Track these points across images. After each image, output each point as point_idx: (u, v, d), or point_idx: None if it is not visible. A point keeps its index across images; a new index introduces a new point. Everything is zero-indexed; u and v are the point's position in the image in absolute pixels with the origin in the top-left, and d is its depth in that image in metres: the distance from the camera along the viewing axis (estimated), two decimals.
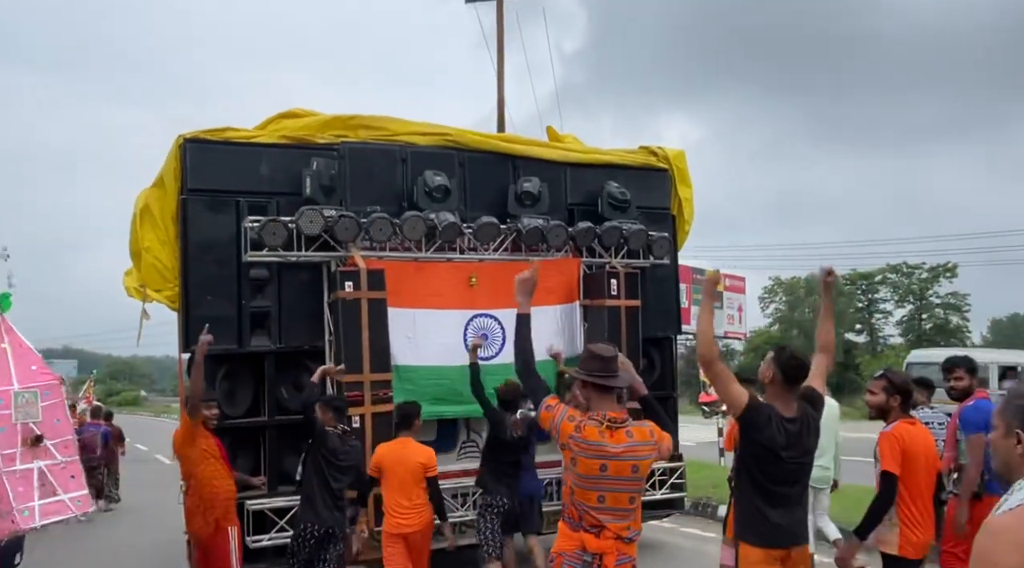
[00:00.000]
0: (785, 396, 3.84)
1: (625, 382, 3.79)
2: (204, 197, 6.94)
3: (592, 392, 3.69)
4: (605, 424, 3.54)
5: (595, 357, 3.71)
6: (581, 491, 3.54)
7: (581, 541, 3.53)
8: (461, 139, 7.83)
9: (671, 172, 8.89)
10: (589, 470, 3.50)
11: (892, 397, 4.53)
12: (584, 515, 3.54)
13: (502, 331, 7.73)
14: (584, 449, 3.51)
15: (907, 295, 48.22)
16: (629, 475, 3.54)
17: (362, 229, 7.01)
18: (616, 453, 3.50)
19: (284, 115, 7.64)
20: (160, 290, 7.03)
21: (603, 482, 3.51)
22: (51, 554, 9.37)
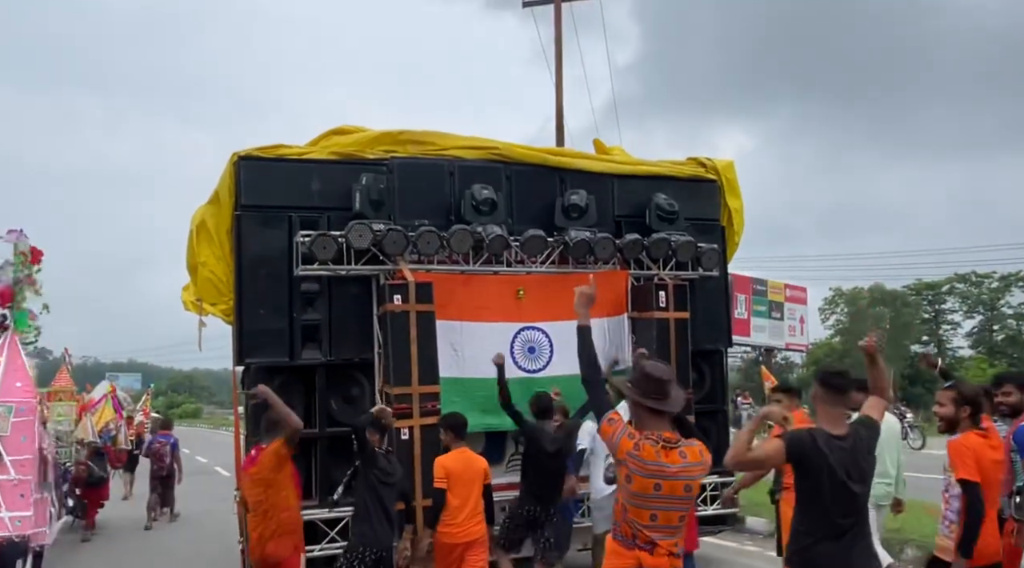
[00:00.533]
0: (832, 413, 3.74)
1: (679, 406, 3.72)
2: (257, 213, 7.10)
3: (643, 412, 3.65)
4: (661, 444, 3.52)
5: (649, 379, 3.64)
6: (634, 509, 3.54)
7: (637, 559, 3.52)
8: (508, 153, 7.87)
9: (720, 183, 8.80)
10: (644, 489, 3.50)
11: (962, 409, 4.46)
12: (637, 533, 3.53)
13: (549, 344, 7.73)
14: (641, 468, 3.50)
15: (977, 305, 46.69)
16: (682, 494, 3.54)
17: (410, 242, 7.09)
18: (672, 473, 3.50)
19: (334, 132, 7.79)
20: (215, 304, 7.21)
21: (656, 501, 3.51)
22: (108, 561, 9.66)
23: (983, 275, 45.45)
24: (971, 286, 46.44)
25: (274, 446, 5.41)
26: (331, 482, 7.04)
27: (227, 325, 7.53)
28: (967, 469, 4.23)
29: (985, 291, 46.04)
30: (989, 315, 46.32)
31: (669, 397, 3.64)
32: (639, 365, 3.81)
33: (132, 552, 10.68)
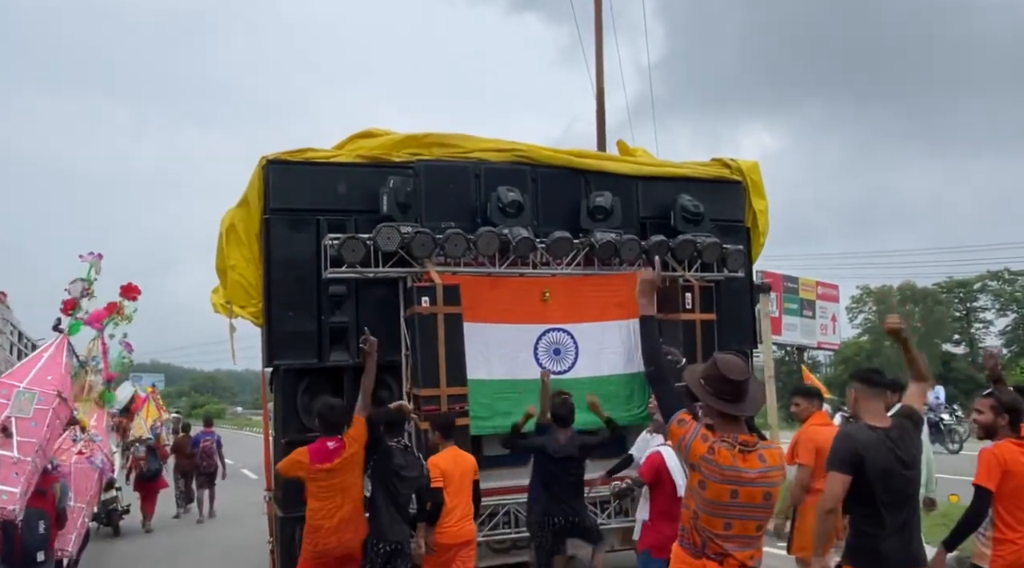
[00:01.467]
0: (874, 408, 3.84)
1: (757, 408, 3.48)
2: (286, 216, 7.16)
3: (716, 415, 3.39)
4: (737, 447, 3.27)
5: (723, 379, 3.34)
6: (706, 517, 3.29)
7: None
8: (533, 155, 7.90)
9: (745, 184, 8.78)
10: (719, 496, 3.24)
11: (1000, 416, 4.48)
12: (708, 542, 3.29)
13: (575, 346, 7.75)
14: (716, 473, 3.24)
15: (1010, 303, 45.84)
16: (760, 502, 3.28)
17: (437, 245, 7.13)
18: (750, 478, 3.24)
19: (360, 135, 7.84)
20: (245, 306, 7.27)
21: (732, 509, 3.25)
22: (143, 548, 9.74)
23: (1016, 273, 44.67)
24: (1004, 284, 45.66)
25: (360, 426, 5.62)
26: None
27: (255, 327, 7.60)
28: (983, 477, 4.27)
29: (1018, 289, 45.30)
30: (1022, 313, 45.53)
31: (745, 398, 3.37)
32: (712, 360, 3.46)
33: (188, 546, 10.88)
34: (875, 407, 3.86)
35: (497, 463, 7.58)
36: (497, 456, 7.63)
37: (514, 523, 7.42)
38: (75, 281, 5.98)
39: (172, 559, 10.10)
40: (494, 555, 7.42)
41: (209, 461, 13.68)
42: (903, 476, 3.71)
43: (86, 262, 6.06)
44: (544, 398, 6.72)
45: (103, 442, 6.87)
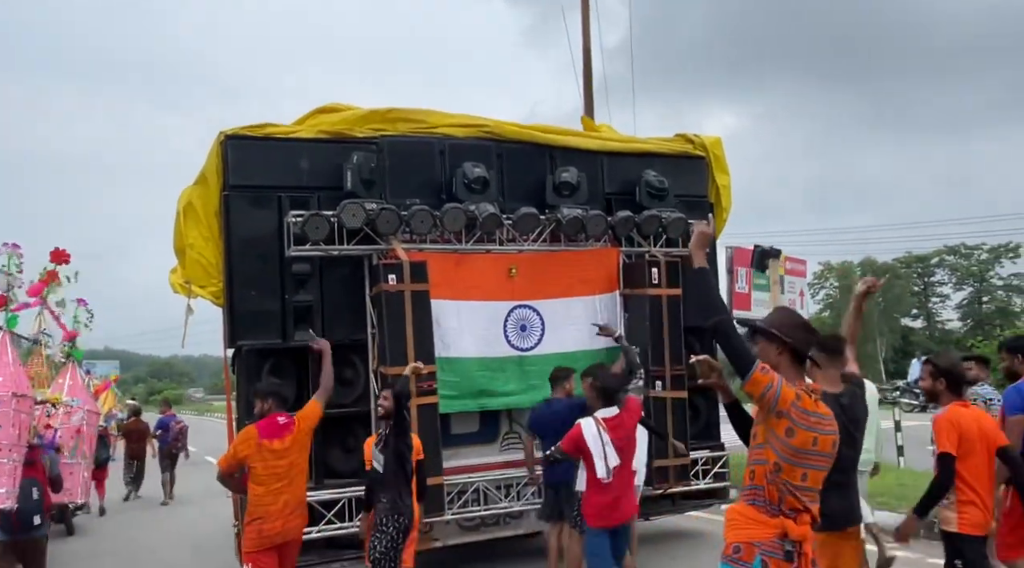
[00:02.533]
0: (830, 374, 4.02)
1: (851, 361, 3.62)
2: (246, 193, 6.98)
3: (787, 361, 3.29)
4: (814, 395, 3.24)
5: (806, 328, 3.35)
6: (789, 467, 3.15)
7: (782, 527, 3.14)
8: (499, 130, 7.81)
9: (708, 159, 8.82)
10: (804, 443, 3.14)
11: (938, 381, 4.60)
12: (785, 497, 3.16)
13: (541, 322, 7.73)
14: (804, 419, 3.14)
15: (966, 277, 46.65)
16: (830, 450, 3.23)
17: (403, 222, 7.02)
18: (825, 425, 3.21)
19: (321, 110, 7.67)
20: (205, 286, 7.10)
21: (811, 458, 3.17)
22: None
23: (972, 247, 45.37)
24: (960, 258, 46.35)
25: (316, 412, 5.43)
26: (325, 464, 7.02)
27: (213, 312, 7.44)
28: (945, 443, 4.38)
29: (975, 263, 45.96)
30: (978, 287, 46.27)
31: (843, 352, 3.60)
32: (785, 309, 3.44)
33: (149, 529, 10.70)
34: (832, 374, 4.03)
35: (465, 441, 7.56)
36: (465, 434, 7.61)
37: (483, 500, 7.42)
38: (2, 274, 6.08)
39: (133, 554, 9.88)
40: (463, 533, 7.41)
41: (184, 441, 14.29)
42: (851, 437, 3.89)
43: (2, 254, 6.13)
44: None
45: (83, 401, 7.30)
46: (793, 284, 12.35)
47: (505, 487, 7.48)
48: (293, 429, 5.29)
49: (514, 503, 7.44)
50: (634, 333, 7.86)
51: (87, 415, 7.14)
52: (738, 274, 10.27)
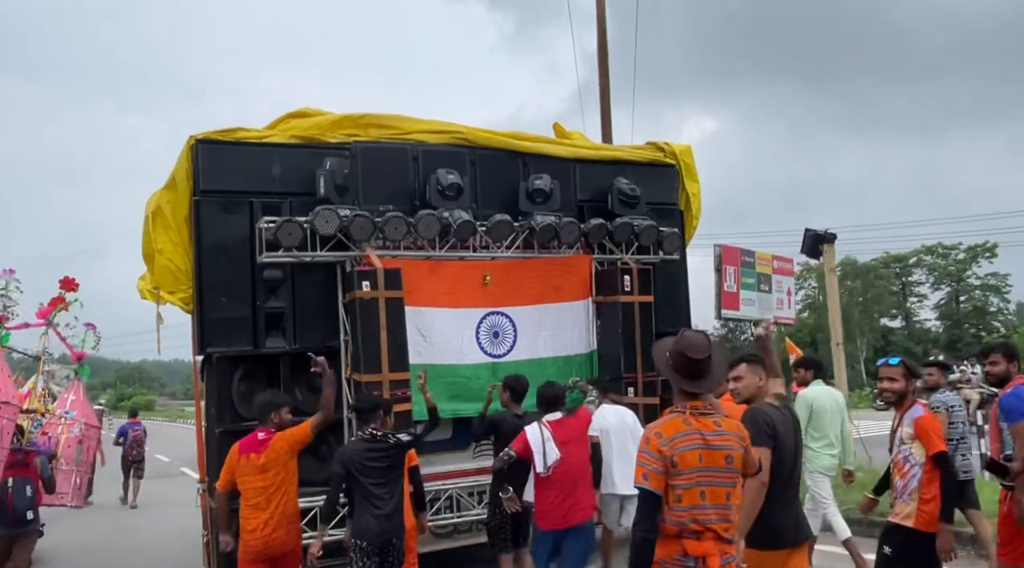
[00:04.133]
0: (776, 387, 4.12)
1: (716, 386, 3.53)
2: (216, 198, 6.89)
3: (677, 391, 3.46)
4: (688, 411, 3.36)
5: (684, 357, 3.39)
6: (685, 492, 3.30)
7: (682, 546, 3.31)
8: (472, 137, 7.81)
9: (679, 167, 8.91)
10: (688, 463, 3.27)
11: (910, 382, 4.69)
12: (687, 523, 3.30)
13: (513, 328, 7.75)
14: (677, 444, 3.28)
15: (944, 277, 46.47)
16: (723, 465, 3.33)
17: (377, 228, 6.99)
18: (708, 441, 3.31)
19: (293, 115, 7.60)
20: (174, 292, 6.99)
21: (703, 475, 3.29)
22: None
23: (950, 247, 45.31)
24: (938, 258, 46.25)
25: (301, 431, 5.36)
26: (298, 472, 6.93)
27: (183, 315, 7.33)
28: (939, 442, 4.48)
29: (952, 263, 45.88)
30: (956, 286, 46.22)
31: (706, 376, 3.40)
32: (678, 336, 3.48)
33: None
34: (777, 386, 4.11)
35: (438, 448, 7.53)
36: (437, 441, 7.56)
37: (456, 508, 7.40)
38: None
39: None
40: (436, 540, 7.38)
41: (139, 450, 14.21)
42: (794, 452, 4.00)
43: (2, 280, 6.83)
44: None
45: (80, 413, 7.87)
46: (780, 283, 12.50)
47: (478, 494, 7.46)
48: (268, 445, 5.28)
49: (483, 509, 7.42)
50: (606, 340, 7.92)
51: (85, 428, 7.74)
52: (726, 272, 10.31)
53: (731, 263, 10.80)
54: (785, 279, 12.46)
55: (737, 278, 11.06)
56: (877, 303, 45.68)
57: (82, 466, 7.82)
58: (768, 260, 14.11)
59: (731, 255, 10.14)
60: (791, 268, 12.65)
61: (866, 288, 45.86)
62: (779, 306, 16.19)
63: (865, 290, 45.70)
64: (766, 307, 13.76)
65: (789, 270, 13.03)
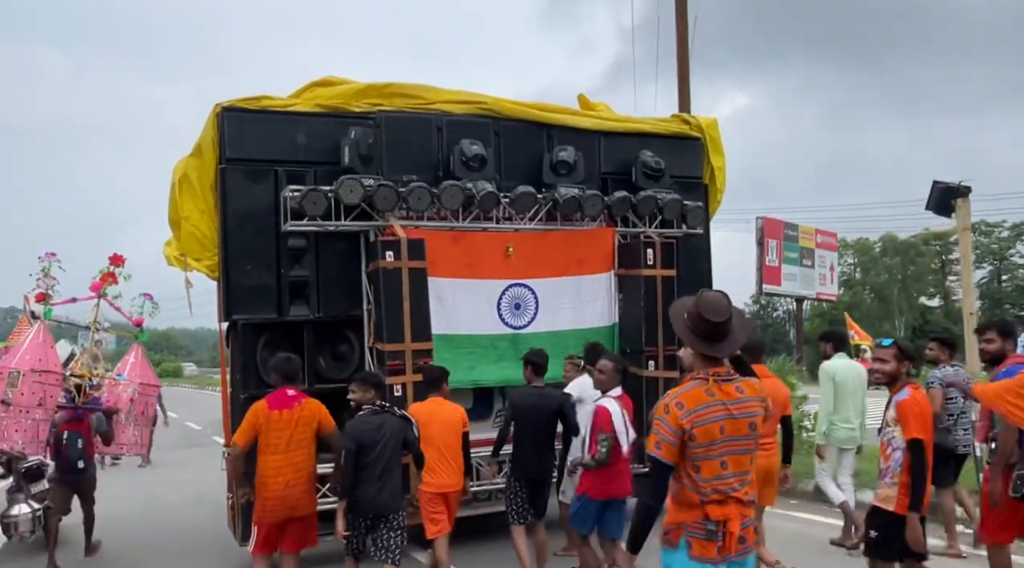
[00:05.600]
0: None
1: (734, 349, 3.41)
2: (242, 166, 6.93)
3: (696, 354, 3.39)
4: (711, 379, 3.29)
5: (702, 319, 3.28)
6: (705, 464, 3.28)
7: (704, 510, 3.28)
8: (496, 107, 7.77)
9: (704, 141, 8.83)
10: (710, 435, 3.24)
11: (902, 364, 4.61)
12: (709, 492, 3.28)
13: (535, 300, 7.75)
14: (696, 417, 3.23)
15: (986, 255, 44.84)
16: (747, 433, 3.32)
17: (401, 198, 7.00)
18: (731, 410, 3.27)
19: (318, 83, 7.59)
20: (200, 259, 7.05)
21: (723, 446, 3.27)
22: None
23: (993, 224, 43.82)
24: (981, 236, 44.48)
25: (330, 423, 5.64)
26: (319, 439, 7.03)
27: (211, 281, 7.40)
28: (917, 428, 4.38)
29: (995, 240, 44.45)
30: (998, 265, 44.79)
31: (725, 339, 3.32)
32: (695, 297, 3.38)
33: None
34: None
35: None
36: None
37: (475, 476, 7.47)
38: (41, 278, 7.49)
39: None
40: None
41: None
42: None
43: (44, 262, 7.48)
44: None
45: (136, 375, 8.45)
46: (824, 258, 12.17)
47: (498, 463, 7.53)
48: (303, 403, 5.45)
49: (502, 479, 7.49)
50: (628, 313, 7.92)
51: (140, 387, 8.44)
52: (768, 246, 10.00)
53: (773, 236, 10.54)
54: (829, 254, 12.15)
55: (779, 252, 10.79)
56: (917, 281, 44.43)
57: (141, 420, 8.55)
58: (811, 234, 13.73)
59: (774, 228, 9.89)
60: (835, 243, 12.27)
61: (906, 265, 44.66)
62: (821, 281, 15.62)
63: (905, 267, 44.51)
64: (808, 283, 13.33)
65: (832, 244, 12.66)
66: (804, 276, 12.60)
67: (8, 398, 6.88)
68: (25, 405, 6.95)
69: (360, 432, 5.36)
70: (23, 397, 6.91)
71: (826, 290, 19.69)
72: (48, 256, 7.57)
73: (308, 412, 5.50)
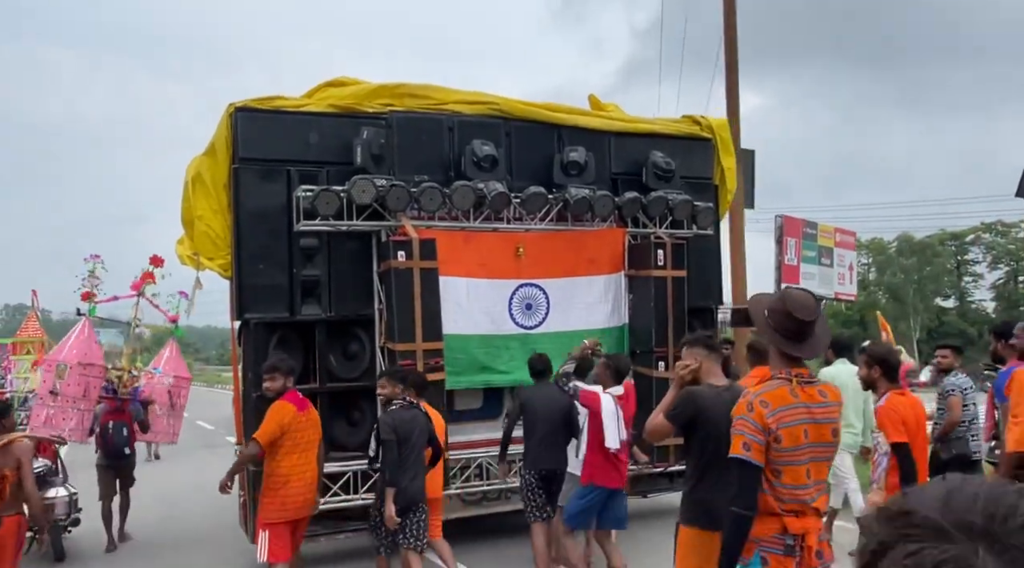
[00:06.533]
0: (713, 370, 3.92)
1: (819, 351, 3.32)
2: (255, 166, 6.97)
3: (776, 354, 3.26)
4: (795, 380, 3.16)
5: (790, 317, 3.15)
6: (788, 469, 3.14)
7: (781, 523, 3.13)
8: (507, 108, 7.79)
9: (714, 141, 8.83)
10: (795, 440, 3.10)
11: (872, 369, 4.64)
12: (786, 500, 3.15)
13: (546, 300, 7.77)
14: (780, 419, 3.09)
15: (1002, 256, 43.99)
16: (830, 440, 3.20)
17: (412, 198, 7.03)
18: (818, 413, 3.14)
19: (330, 84, 7.63)
20: (213, 258, 7.10)
21: (807, 452, 3.13)
22: None
23: (1010, 224, 42.75)
24: (997, 236, 43.92)
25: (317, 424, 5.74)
26: (331, 438, 7.08)
27: (218, 279, 7.45)
28: (895, 433, 4.36)
29: (1012, 241, 43.54)
30: (1015, 266, 43.86)
31: (809, 339, 3.18)
32: (780, 294, 3.28)
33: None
34: (715, 369, 3.94)
35: (468, 417, 7.64)
36: (468, 410, 7.69)
37: (485, 476, 7.52)
38: (86, 277, 8.18)
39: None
40: (465, 507, 7.52)
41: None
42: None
43: (89, 263, 8.19)
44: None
45: (170, 368, 8.97)
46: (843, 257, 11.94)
47: (507, 463, 7.56)
48: (310, 406, 5.58)
49: (515, 479, 7.52)
50: (638, 314, 7.93)
51: (176, 380, 8.95)
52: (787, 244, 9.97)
53: (792, 235, 10.47)
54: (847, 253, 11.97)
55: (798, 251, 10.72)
56: (933, 282, 43.62)
57: (175, 410, 9.05)
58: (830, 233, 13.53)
59: (793, 226, 9.83)
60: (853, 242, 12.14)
61: (923, 266, 44.00)
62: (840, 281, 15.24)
63: (922, 268, 43.86)
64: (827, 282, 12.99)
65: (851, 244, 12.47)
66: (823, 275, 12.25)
67: (57, 389, 7.55)
68: (71, 395, 7.63)
69: (398, 423, 5.47)
70: (69, 388, 7.60)
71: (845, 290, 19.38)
72: (93, 258, 8.25)
73: (316, 414, 5.64)
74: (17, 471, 4.97)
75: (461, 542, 7.01)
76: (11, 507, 5.01)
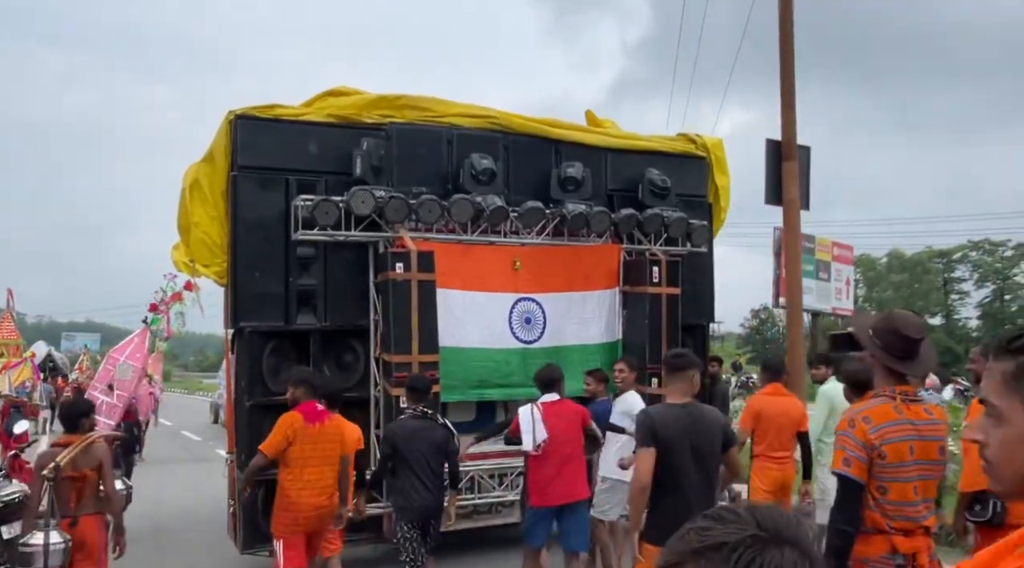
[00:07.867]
0: (679, 387, 3.98)
1: (927, 371, 3.36)
2: (254, 174, 6.96)
3: (881, 371, 3.21)
4: (899, 398, 3.14)
5: (898, 335, 3.11)
6: (894, 485, 3.11)
7: (890, 542, 3.09)
8: (506, 122, 7.83)
9: (709, 160, 8.91)
10: (900, 456, 3.07)
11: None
12: (893, 519, 3.11)
13: (543, 315, 7.79)
14: (884, 435, 3.07)
15: (989, 274, 43.94)
16: (936, 457, 3.17)
17: (411, 210, 7.04)
18: (925, 430, 3.12)
19: (330, 93, 7.64)
20: (209, 265, 7.07)
21: (913, 469, 3.10)
22: None
23: (997, 243, 42.84)
24: (984, 254, 44.02)
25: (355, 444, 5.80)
26: None
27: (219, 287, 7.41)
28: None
29: (998, 260, 43.60)
30: (1002, 284, 43.73)
31: (916, 358, 3.14)
32: (887, 313, 3.26)
33: None
34: (682, 387, 3.97)
35: (461, 430, 7.59)
36: (461, 423, 7.65)
37: (477, 489, 7.50)
38: (160, 292, 8.81)
39: None
40: (458, 520, 7.46)
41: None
42: (696, 448, 3.83)
43: (167, 280, 8.79)
44: None
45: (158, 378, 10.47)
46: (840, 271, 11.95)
47: (499, 476, 7.56)
48: (330, 417, 5.43)
49: (508, 492, 7.52)
50: (632, 330, 7.97)
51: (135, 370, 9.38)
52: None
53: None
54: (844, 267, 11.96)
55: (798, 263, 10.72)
56: (923, 298, 43.52)
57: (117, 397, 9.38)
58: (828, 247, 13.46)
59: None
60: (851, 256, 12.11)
61: (912, 282, 44.15)
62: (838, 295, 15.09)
63: (912, 284, 44.19)
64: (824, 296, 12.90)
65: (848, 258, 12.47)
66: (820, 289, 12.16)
67: (115, 384, 8.25)
68: (126, 394, 8.46)
69: (393, 434, 5.48)
70: (126, 387, 8.36)
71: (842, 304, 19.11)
72: (170, 276, 8.81)
73: (336, 427, 5.46)
74: (98, 471, 4.98)
75: (452, 555, 7.00)
76: (89, 506, 4.98)
